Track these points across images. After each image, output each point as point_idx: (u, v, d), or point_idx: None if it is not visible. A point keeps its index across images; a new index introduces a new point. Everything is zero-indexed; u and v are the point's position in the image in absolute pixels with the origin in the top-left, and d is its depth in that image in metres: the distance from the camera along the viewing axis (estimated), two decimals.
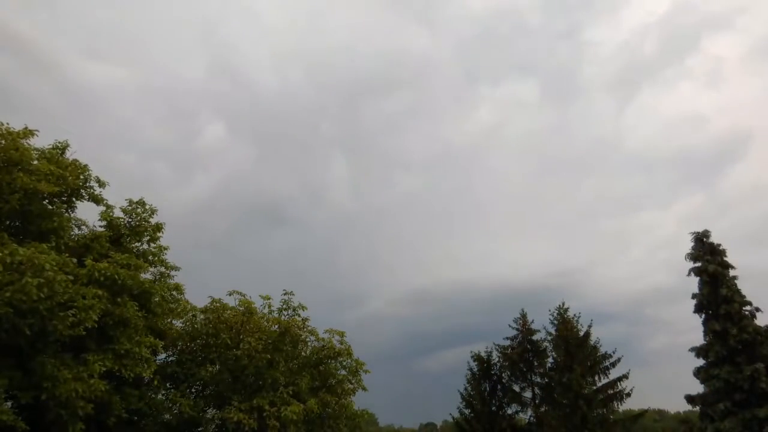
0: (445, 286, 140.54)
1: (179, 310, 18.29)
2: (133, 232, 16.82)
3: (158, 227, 17.23)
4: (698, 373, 26.40)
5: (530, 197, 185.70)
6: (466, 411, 29.97)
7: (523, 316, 30.72)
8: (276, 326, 19.07)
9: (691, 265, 27.66)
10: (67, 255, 13.17)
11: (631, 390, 27.62)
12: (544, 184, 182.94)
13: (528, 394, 29.31)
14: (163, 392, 17.02)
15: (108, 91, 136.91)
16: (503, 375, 30.14)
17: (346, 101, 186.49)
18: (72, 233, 15.76)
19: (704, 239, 27.68)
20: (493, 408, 29.41)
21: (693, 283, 27.50)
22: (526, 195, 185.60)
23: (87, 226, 16.71)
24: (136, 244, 17.04)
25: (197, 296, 19.04)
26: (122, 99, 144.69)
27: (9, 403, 11.93)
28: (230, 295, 19.02)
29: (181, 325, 18.75)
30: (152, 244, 17.30)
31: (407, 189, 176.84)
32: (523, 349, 29.73)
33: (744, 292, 26.06)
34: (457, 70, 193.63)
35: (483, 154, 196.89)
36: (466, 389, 30.36)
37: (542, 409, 28.34)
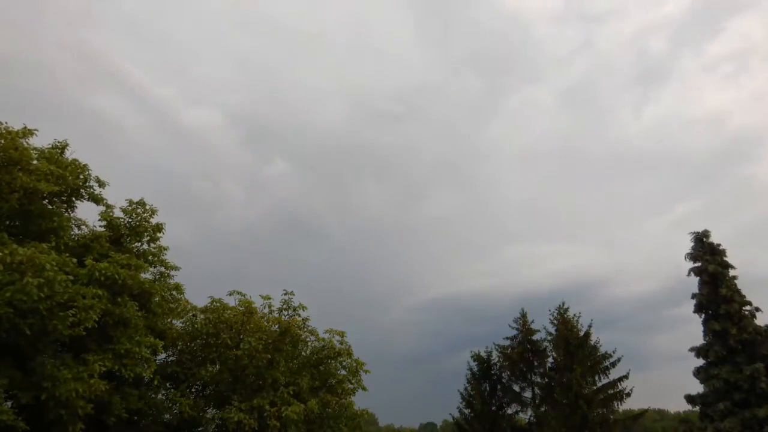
0: (464, 294, 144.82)
1: (179, 310, 18.28)
2: (133, 232, 16.79)
3: (158, 227, 17.20)
4: (698, 373, 26.42)
5: (547, 203, 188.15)
6: (466, 411, 29.95)
7: (523, 316, 30.70)
8: (276, 326, 19.06)
9: (690, 265, 27.71)
10: (67, 255, 13.15)
11: (631, 390, 27.63)
12: (561, 188, 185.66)
13: (528, 394, 29.29)
14: (163, 392, 17.00)
15: (200, 129, 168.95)
16: (503, 375, 30.11)
17: (376, 127, 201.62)
18: (72, 233, 15.74)
19: (704, 239, 27.70)
20: (493, 408, 29.39)
21: (693, 283, 27.61)
22: (543, 201, 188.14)
23: (87, 226, 16.70)
24: (136, 244, 17.01)
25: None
26: (210, 135, 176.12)
27: (9, 403, 11.92)
28: (230, 295, 19.03)
29: (181, 325, 18.72)
30: (152, 244, 17.27)
31: (432, 205, 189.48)
32: (523, 349, 29.70)
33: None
34: (474, 82, 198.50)
35: (501, 164, 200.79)
36: (466, 389, 30.34)
37: (542, 409, 28.31)
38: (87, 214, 16.71)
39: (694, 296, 27.27)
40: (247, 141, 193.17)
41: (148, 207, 17.02)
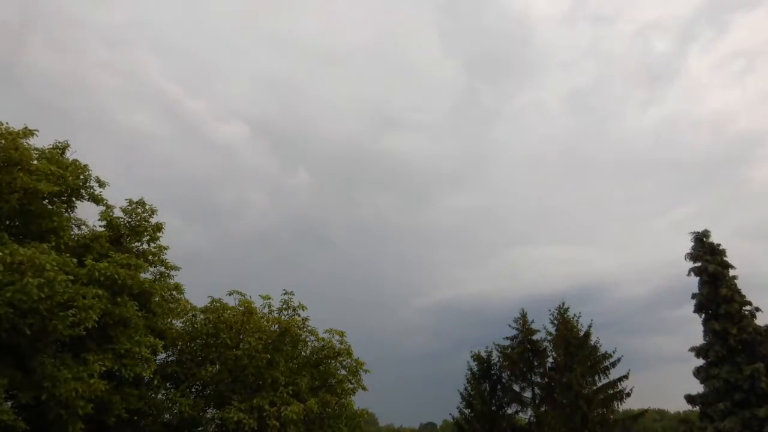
0: (469, 297, 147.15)
1: (179, 309, 18.27)
2: (133, 231, 16.81)
3: (158, 227, 17.20)
4: (698, 373, 26.42)
5: (551, 205, 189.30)
6: (466, 411, 29.97)
7: (523, 316, 30.72)
8: (276, 326, 19.07)
9: (690, 264, 27.71)
10: (67, 255, 13.17)
11: (631, 390, 27.67)
12: (565, 190, 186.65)
13: (528, 394, 29.32)
14: (163, 392, 16.99)
15: (231, 143, 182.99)
16: (503, 375, 30.13)
17: (387, 136, 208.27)
18: (72, 233, 15.75)
19: (704, 239, 27.70)
20: (493, 408, 29.41)
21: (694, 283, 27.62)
22: (547, 204, 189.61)
23: (87, 226, 16.71)
24: (136, 243, 17.03)
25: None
26: (240, 147, 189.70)
27: (9, 403, 11.93)
28: (230, 295, 19.01)
29: (181, 325, 18.73)
30: (152, 244, 17.28)
31: (439, 210, 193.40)
32: (523, 349, 29.72)
33: None
34: (480, 85, 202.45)
35: (505, 168, 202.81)
36: (466, 389, 30.35)
37: (542, 409, 28.33)
38: (87, 214, 16.76)
39: (694, 296, 27.28)
40: (269, 151, 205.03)
41: (147, 207, 17.03)
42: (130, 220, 16.85)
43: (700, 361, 26.57)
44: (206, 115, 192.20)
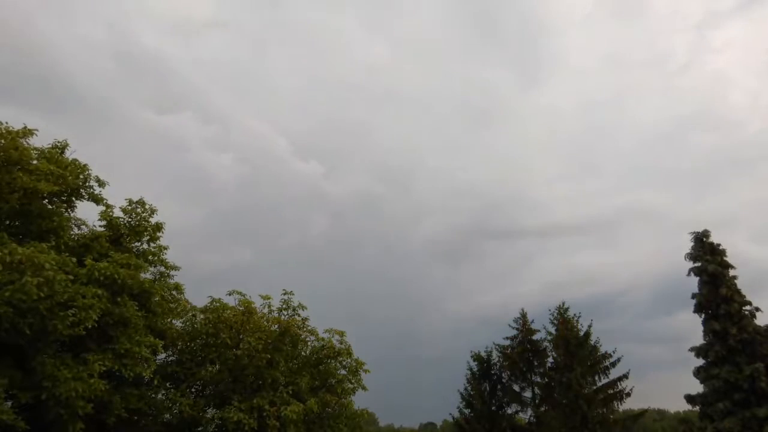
0: (486, 305, 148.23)
1: (179, 309, 18.28)
2: (132, 231, 16.80)
3: (158, 227, 17.20)
4: (698, 372, 26.41)
5: (566, 210, 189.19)
6: (466, 411, 29.96)
7: (523, 315, 30.73)
8: (276, 326, 19.07)
9: (690, 264, 27.72)
10: (66, 254, 13.17)
11: (631, 390, 27.67)
12: (577, 195, 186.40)
13: (528, 394, 29.31)
14: (163, 392, 16.99)
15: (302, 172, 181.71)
16: (503, 375, 30.13)
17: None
18: (72, 233, 15.75)
19: (704, 239, 27.70)
20: (493, 408, 29.40)
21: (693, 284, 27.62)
22: (562, 209, 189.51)
23: (87, 225, 16.71)
24: (136, 243, 17.03)
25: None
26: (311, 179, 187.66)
27: (9, 403, 11.93)
28: (230, 294, 19.03)
29: (181, 324, 18.73)
30: (152, 244, 17.28)
31: (455, 219, 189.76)
32: (523, 348, 29.72)
33: None
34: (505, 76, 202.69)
35: (520, 173, 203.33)
36: (466, 389, 30.34)
37: (542, 409, 28.32)
38: (87, 213, 16.77)
39: (694, 296, 27.28)
40: (331, 176, 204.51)
41: (147, 206, 17.03)
42: (129, 219, 16.85)
43: (700, 361, 26.58)
44: (283, 150, 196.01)
